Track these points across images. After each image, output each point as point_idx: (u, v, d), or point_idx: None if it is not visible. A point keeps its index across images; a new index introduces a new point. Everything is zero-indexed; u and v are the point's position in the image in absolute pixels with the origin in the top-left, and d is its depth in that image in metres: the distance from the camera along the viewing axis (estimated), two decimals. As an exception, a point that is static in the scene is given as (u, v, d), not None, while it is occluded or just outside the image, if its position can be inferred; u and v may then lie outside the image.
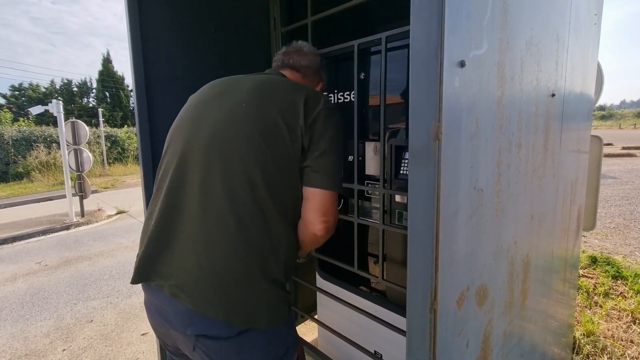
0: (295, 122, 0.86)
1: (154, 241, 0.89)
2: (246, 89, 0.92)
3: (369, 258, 1.81)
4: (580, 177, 1.57)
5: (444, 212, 0.52)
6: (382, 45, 1.35)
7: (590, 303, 2.74)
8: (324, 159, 0.87)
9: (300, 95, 0.90)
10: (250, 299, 0.83)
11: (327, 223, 0.88)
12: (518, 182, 0.80)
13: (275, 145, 0.85)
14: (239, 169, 0.83)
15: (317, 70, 1.16)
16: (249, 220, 0.82)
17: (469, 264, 0.63)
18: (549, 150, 0.98)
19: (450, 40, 0.48)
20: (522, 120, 0.78)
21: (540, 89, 0.86)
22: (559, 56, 0.97)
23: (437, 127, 0.49)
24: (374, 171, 1.60)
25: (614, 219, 5.28)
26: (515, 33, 0.70)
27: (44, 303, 3.31)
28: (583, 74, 1.34)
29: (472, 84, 0.57)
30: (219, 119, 0.88)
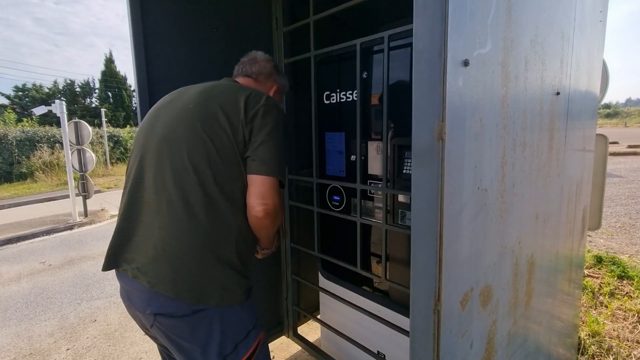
0: (237, 117, 0.97)
1: (120, 232, 0.99)
2: (193, 93, 1.04)
3: (372, 258, 1.80)
4: (585, 176, 1.56)
5: (448, 213, 0.51)
6: (385, 44, 1.34)
7: (595, 303, 2.72)
8: (261, 148, 0.96)
9: (242, 94, 1.01)
10: (200, 278, 0.91)
11: (265, 205, 0.96)
12: (522, 182, 0.79)
13: (218, 139, 0.95)
14: (186, 160, 0.93)
15: (268, 75, 1.27)
16: (198, 207, 0.92)
17: (473, 265, 0.63)
18: (554, 150, 0.97)
19: (454, 39, 0.48)
20: (527, 119, 0.77)
21: (545, 87, 0.85)
22: (564, 54, 0.96)
23: (440, 127, 0.48)
24: (376, 171, 1.59)
25: (619, 218, 5.23)
26: (520, 32, 0.69)
27: (48, 302, 3.33)
28: (588, 71, 1.33)
29: (476, 83, 0.56)
30: (168, 120, 1.01)
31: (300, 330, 2.21)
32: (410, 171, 1.46)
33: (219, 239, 0.94)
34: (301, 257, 2.07)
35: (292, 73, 1.92)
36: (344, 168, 1.73)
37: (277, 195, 0.98)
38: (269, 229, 1.03)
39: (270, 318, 2.13)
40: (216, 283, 0.93)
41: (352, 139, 1.67)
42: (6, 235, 5.59)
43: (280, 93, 1.34)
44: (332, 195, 1.80)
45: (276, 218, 1.01)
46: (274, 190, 0.97)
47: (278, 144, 0.99)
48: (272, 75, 1.28)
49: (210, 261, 0.93)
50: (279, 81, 1.31)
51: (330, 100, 1.74)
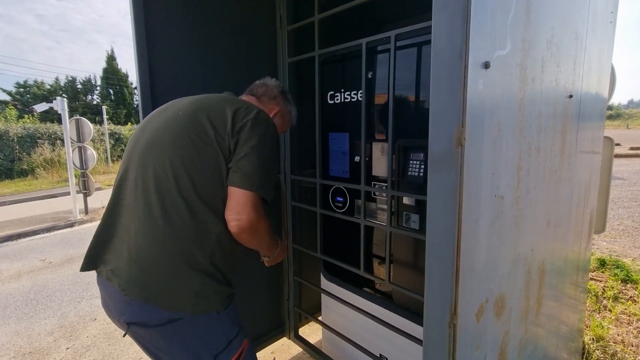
0: (224, 127, 0.96)
1: (100, 232, 0.98)
2: (185, 102, 1.05)
3: (374, 259, 1.78)
4: (593, 179, 1.53)
5: (466, 221, 0.49)
6: (392, 43, 1.32)
7: (599, 307, 2.69)
8: (244, 161, 0.94)
9: (232, 106, 1.01)
10: (171, 284, 0.89)
11: (238, 221, 0.92)
12: (536, 188, 0.77)
13: (204, 147, 0.94)
14: (168, 166, 0.93)
15: (272, 97, 1.29)
16: (175, 212, 0.90)
17: (489, 274, 0.60)
18: (565, 153, 0.95)
19: (475, 39, 0.45)
20: (542, 122, 0.74)
21: (558, 90, 0.83)
22: (577, 55, 0.94)
23: (460, 132, 0.46)
24: (381, 172, 1.57)
25: (622, 220, 5.20)
26: (537, 32, 0.66)
27: (47, 301, 3.32)
28: (598, 73, 1.30)
29: (495, 86, 0.54)
30: (157, 127, 1.01)
31: (302, 332, 2.20)
32: (415, 173, 1.45)
33: (194, 246, 0.91)
34: (303, 258, 2.05)
35: (296, 72, 1.90)
36: (347, 169, 1.71)
37: (255, 211, 0.94)
38: (249, 243, 1.01)
39: (271, 319, 2.12)
40: (189, 290, 0.90)
41: (356, 140, 1.65)
42: (6, 232, 5.58)
43: (282, 118, 1.33)
44: (335, 196, 1.78)
45: (253, 235, 0.97)
46: (251, 205, 0.93)
47: (263, 159, 0.96)
48: (276, 98, 1.29)
49: (183, 267, 0.90)
50: (282, 105, 1.31)
51: (335, 100, 1.72)
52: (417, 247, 1.49)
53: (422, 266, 1.46)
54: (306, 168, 1.96)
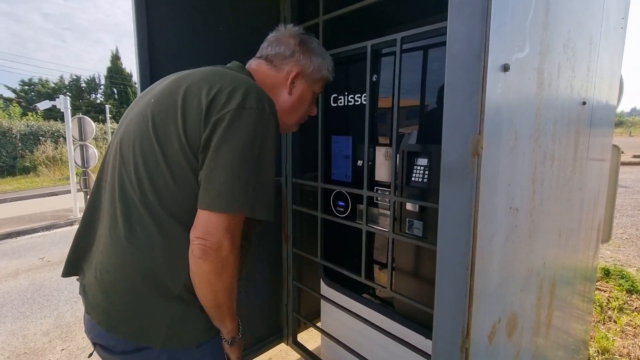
0: (195, 120, 0.71)
1: (79, 237, 0.86)
2: (164, 84, 0.81)
3: (376, 265, 1.74)
4: (601, 188, 1.50)
5: (481, 239, 0.45)
6: (397, 46, 1.29)
7: (604, 318, 2.64)
8: (217, 173, 0.69)
9: (211, 87, 0.73)
10: (139, 314, 0.74)
11: (202, 244, 0.69)
12: (550, 198, 0.73)
13: (170, 147, 0.72)
14: (132, 170, 0.75)
15: (289, 55, 0.91)
16: (140, 227, 0.73)
17: (502, 293, 0.57)
18: (577, 162, 0.92)
19: (495, 41, 0.42)
20: (557, 130, 0.71)
21: (573, 96, 0.80)
22: (590, 61, 0.90)
23: (477, 141, 0.42)
24: (384, 177, 1.54)
25: (626, 229, 5.14)
26: (555, 35, 0.63)
27: (44, 300, 3.29)
28: (609, 80, 1.27)
29: (513, 92, 0.50)
30: (130, 119, 0.82)
31: (300, 338, 2.16)
32: (419, 179, 1.41)
33: (165, 270, 0.74)
34: (303, 262, 2.02)
35: (299, 74, 1.87)
36: (350, 173, 1.68)
37: (228, 236, 0.69)
38: (211, 284, 0.73)
39: (269, 324, 2.08)
40: (159, 321, 0.74)
41: (359, 144, 1.62)
42: (6, 230, 5.56)
43: (309, 78, 0.94)
44: (337, 201, 1.75)
45: (224, 268, 0.71)
46: (224, 228, 0.69)
47: (244, 168, 0.70)
48: (294, 54, 0.91)
49: (151, 295, 0.73)
50: (304, 61, 0.91)
51: (338, 103, 1.69)
52: (420, 255, 1.45)
53: (425, 274, 1.43)
54: (308, 171, 1.93)
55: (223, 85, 0.73)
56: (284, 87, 0.92)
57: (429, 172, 1.35)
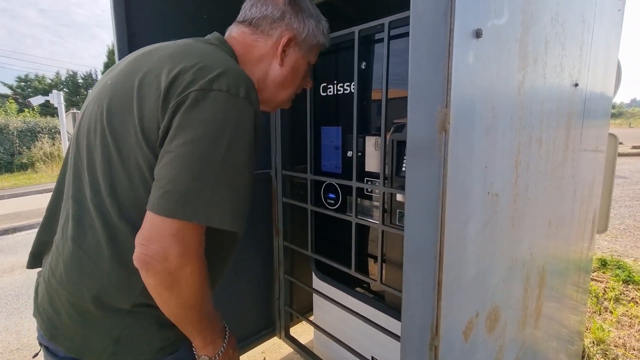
0: (154, 109, 0.58)
1: (41, 229, 0.77)
2: (128, 61, 0.69)
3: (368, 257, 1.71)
4: (597, 177, 1.46)
5: (451, 224, 0.41)
6: (385, 31, 1.24)
7: (599, 309, 2.62)
8: (168, 170, 0.56)
9: (175, 64, 0.59)
10: (83, 325, 0.64)
11: (143, 253, 0.56)
12: (537, 185, 0.69)
13: (123, 139, 0.61)
14: (85, 166, 0.66)
15: (277, 18, 0.75)
16: (90, 231, 0.64)
17: (480, 285, 0.53)
18: (570, 148, 0.87)
19: (463, 1, 0.37)
20: (544, 111, 0.66)
21: (563, 76, 0.75)
22: (583, 41, 0.85)
23: (444, 115, 0.38)
24: (374, 168, 1.50)
25: (623, 220, 5.12)
26: (541, 5, 0.59)
27: (39, 296, 3.28)
28: (605, 65, 1.22)
29: (490, 62, 0.46)
30: (87, 104, 0.71)
31: (293, 331, 2.14)
32: (410, 169, 1.38)
33: (114, 281, 0.63)
34: (295, 256, 1.99)
35: (288, 63, 1.82)
36: (340, 164, 1.64)
37: (177, 245, 0.56)
38: (163, 299, 0.60)
39: (261, 318, 2.06)
40: (107, 336, 0.64)
41: (349, 134, 1.58)
42: (2, 226, 5.54)
43: (303, 44, 0.79)
44: (328, 193, 1.72)
45: (175, 283, 0.58)
46: (170, 237, 0.56)
47: (207, 166, 0.56)
48: (283, 16, 0.75)
49: (99, 307, 0.63)
50: (296, 24, 0.76)
51: (327, 92, 1.64)
52: (411, 247, 1.42)
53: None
54: (298, 163, 1.89)
55: (190, 62, 0.59)
56: (274, 57, 0.76)
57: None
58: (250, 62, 0.75)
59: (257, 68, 0.76)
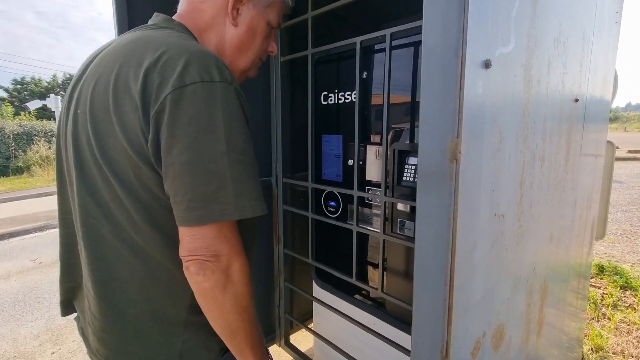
0: (135, 122, 0.54)
1: (62, 279, 0.77)
2: (93, 65, 0.64)
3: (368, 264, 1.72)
4: (596, 185, 1.47)
5: (461, 249, 0.42)
6: (387, 42, 1.25)
7: (598, 315, 2.64)
8: (180, 183, 0.54)
9: (138, 67, 0.55)
10: (143, 352, 0.65)
11: (196, 259, 0.56)
12: (540, 201, 0.70)
13: (118, 167, 0.58)
14: (89, 196, 0.63)
15: None
16: (118, 261, 0.63)
17: (486, 305, 0.54)
18: (570, 162, 0.89)
19: (474, 34, 0.38)
20: (547, 129, 0.68)
21: (565, 93, 0.76)
22: (583, 57, 0.87)
23: (455, 145, 0.39)
24: (375, 176, 1.51)
25: (620, 225, 5.16)
26: (544, 28, 0.60)
27: (35, 303, 3.24)
28: (603, 76, 1.24)
29: (497, 89, 0.47)
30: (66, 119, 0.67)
31: (293, 339, 2.13)
32: (410, 178, 1.38)
33: (159, 298, 0.64)
34: (295, 263, 1.99)
35: (289, 72, 1.83)
36: (341, 172, 1.65)
37: (224, 242, 0.57)
38: (218, 304, 0.60)
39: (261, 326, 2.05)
40: (167, 350, 0.65)
41: (350, 142, 1.59)
42: (-2, 231, 5.49)
43: (258, 5, 0.72)
44: (328, 201, 1.72)
45: (229, 280, 0.58)
46: (215, 238, 0.56)
47: (213, 161, 0.55)
48: None
49: (153, 330, 0.64)
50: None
51: (328, 101, 1.65)
52: (412, 255, 1.43)
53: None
54: (299, 171, 1.90)
55: (151, 58, 0.55)
56: (226, 17, 0.69)
57: (420, 172, 1.32)
58: (204, 29, 0.69)
59: (211, 34, 0.70)
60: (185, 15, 0.70)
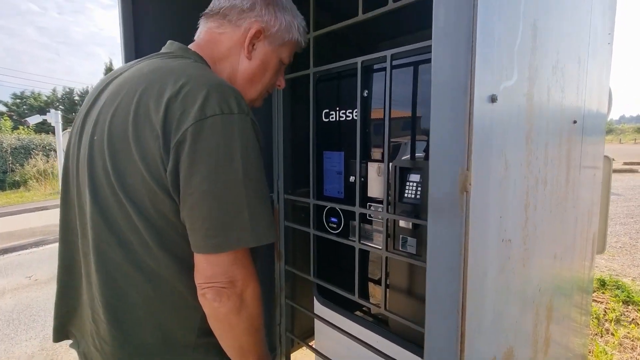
0: (155, 151, 0.56)
1: (58, 302, 0.76)
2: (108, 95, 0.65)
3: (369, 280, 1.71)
4: (595, 199, 1.49)
5: (472, 276, 0.43)
6: (387, 62, 1.29)
7: (601, 330, 2.61)
8: (198, 211, 0.56)
9: (159, 97, 0.57)
10: None
11: (212, 286, 0.58)
12: (543, 222, 0.72)
13: (134, 193, 0.59)
14: (101, 222, 0.63)
15: (247, 8, 0.71)
16: (130, 287, 0.65)
17: (496, 329, 0.54)
18: (570, 182, 0.90)
19: (481, 71, 0.40)
20: (548, 153, 0.70)
21: (564, 116, 0.79)
22: (579, 80, 0.90)
23: (465, 177, 0.40)
24: (376, 193, 1.52)
25: (619, 238, 5.16)
26: (544, 57, 0.62)
27: (30, 321, 3.18)
28: (599, 95, 1.27)
29: (503, 121, 0.49)
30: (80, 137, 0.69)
31: (294, 357, 2.10)
32: (412, 195, 1.40)
33: (169, 322, 0.65)
34: (296, 280, 1.97)
35: (291, 89, 1.86)
36: (342, 189, 1.66)
37: (239, 269, 0.59)
38: (232, 326, 0.62)
39: (262, 345, 2.01)
40: None
41: (351, 159, 1.60)
42: (-7, 247, 5.42)
43: (274, 40, 0.75)
44: (330, 217, 1.72)
45: (243, 305, 0.60)
46: (230, 265, 0.58)
47: (231, 190, 0.57)
48: (254, 8, 0.72)
49: (164, 354, 0.65)
50: (266, 16, 0.73)
51: (330, 118, 1.67)
52: (414, 272, 1.43)
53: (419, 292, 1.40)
54: (299, 186, 1.91)
55: (173, 89, 0.57)
56: (242, 49, 0.73)
57: (422, 188, 1.34)
58: (219, 59, 0.73)
59: (226, 63, 0.73)
60: (203, 45, 0.73)
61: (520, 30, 0.51)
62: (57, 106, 23.54)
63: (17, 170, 12.16)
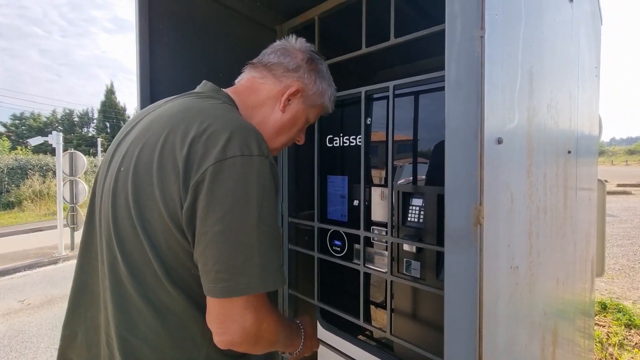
0: (174, 189, 0.58)
1: (66, 325, 0.77)
2: (132, 137, 0.69)
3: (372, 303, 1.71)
4: (592, 223, 1.53)
5: (487, 303, 0.46)
6: (390, 92, 1.36)
7: (605, 355, 2.59)
8: (211, 253, 0.57)
9: (185, 136, 0.59)
10: None
11: (223, 337, 0.60)
12: (545, 249, 0.76)
13: (151, 229, 0.61)
14: (119, 255, 0.65)
15: (292, 68, 0.78)
16: (139, 317, 0.66)
17: (508, 355, 0.57)
18: (568, 208, 0.95)
19: (489, 118, 0.46)
20: (547, 183, 0.75)
21: (559, 148, 0.85)
22: (571, 113, 0.97)
23: (478, 211, 0.45)
24: (380, 217, 1.55)
25: (617, 260, 5.18)
26: (540, 98, 0.69)
27: (22, 348, 3.09)
28: (589, 123, 1.35)
29: (508, 159, 0.54)
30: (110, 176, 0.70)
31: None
32: (415, 219, 1.43)
33: (181, 352, 0.66)
34: (299, 303, 1.96)
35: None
36: (346, 212, 1.69)
37: (250, 314, 0.60)
38: (250, 351, 0.66)
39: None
40: None
41: (355, 183, 1.65)
42: (-15, 270, 5.31)
43: (308, 101, 0.82)
44: (334, 240, 1.74)
45: (257, 341, 0.63)
46: (241, 310, 0.59)
47: (245, 234, 0.58)
48: (298, 69, 0.79)
49: None
50: (307, 80, 0.80)
51: (333, 143, 1.73)
52: (418, 295, 1.44)
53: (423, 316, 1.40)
54: (302, 209, 1.94)
55: (198, 129, 0.59)
56: (278, 102, 0.79)
57: (425, 212, 1.37)
58: (254, 106, 0.77)
59: (259, 111, 0.78)
60: (241, 90, 0.79)
61: (519, 77, 0.57)
62: (56, 127, 23.68)
63: (12, 191, 12.07)
